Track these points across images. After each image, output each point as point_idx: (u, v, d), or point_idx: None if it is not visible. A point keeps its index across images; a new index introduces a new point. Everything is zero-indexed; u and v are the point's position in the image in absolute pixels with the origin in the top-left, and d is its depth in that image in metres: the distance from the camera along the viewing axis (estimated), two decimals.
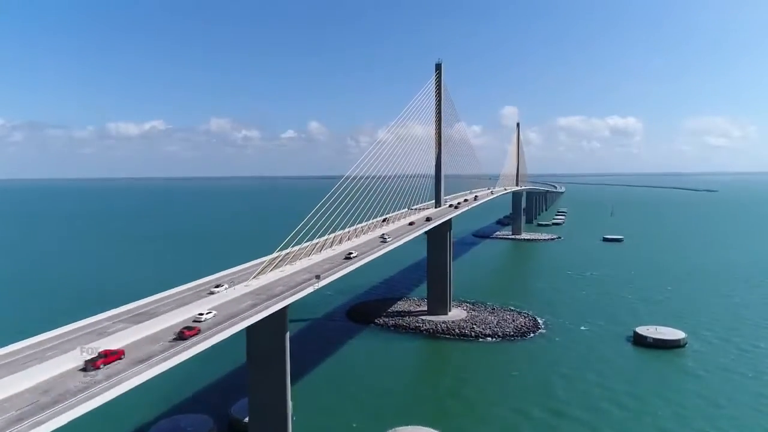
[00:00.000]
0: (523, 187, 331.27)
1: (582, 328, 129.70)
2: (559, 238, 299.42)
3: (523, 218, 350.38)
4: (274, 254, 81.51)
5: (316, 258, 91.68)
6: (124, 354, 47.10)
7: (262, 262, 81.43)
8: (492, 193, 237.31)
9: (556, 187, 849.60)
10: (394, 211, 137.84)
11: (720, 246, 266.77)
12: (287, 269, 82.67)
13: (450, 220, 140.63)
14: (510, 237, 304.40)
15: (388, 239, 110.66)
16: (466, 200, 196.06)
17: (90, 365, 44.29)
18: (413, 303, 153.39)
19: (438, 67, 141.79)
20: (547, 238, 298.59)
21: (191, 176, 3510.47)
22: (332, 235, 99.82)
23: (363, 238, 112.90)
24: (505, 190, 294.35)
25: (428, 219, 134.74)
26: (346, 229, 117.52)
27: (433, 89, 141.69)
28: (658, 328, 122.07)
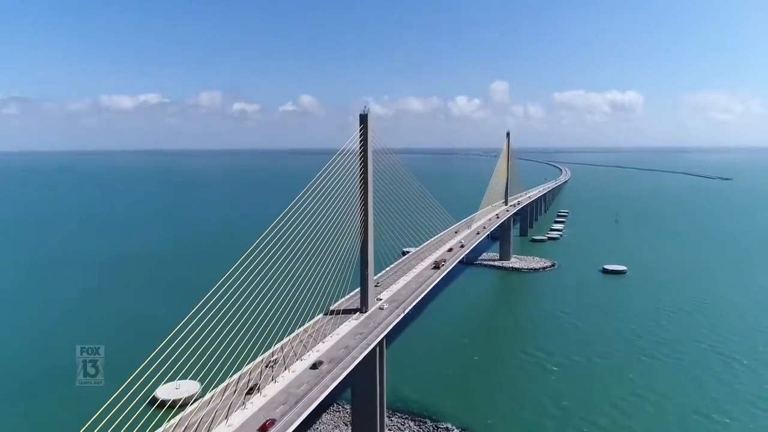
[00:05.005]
0: (513, 209, 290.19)
1: None
2: (553, 266, 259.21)
3: (516, 230, 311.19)
4: None
5: None
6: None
7: None
8: (462, 245, 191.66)
9: (560, 170, 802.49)
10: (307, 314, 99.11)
11: (747, 286, 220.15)
12: None
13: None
14: (497, 263, 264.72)
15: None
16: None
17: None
18: (341, 419, 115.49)
19: (363, 118, 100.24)
20: (538, 266, 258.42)
21: (194, 149, 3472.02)
22: None
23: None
24: (492, 219, 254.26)
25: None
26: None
27: (358, 145, 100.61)
28: None
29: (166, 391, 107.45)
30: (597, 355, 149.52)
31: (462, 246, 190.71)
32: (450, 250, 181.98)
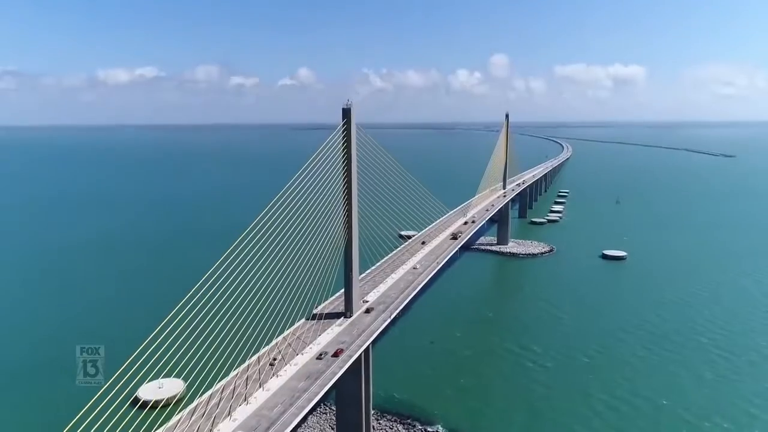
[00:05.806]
0: (510, 194, 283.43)
1: None
2: (552, 251, 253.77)
3: (514, 211, 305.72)
4: None
5: None
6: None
7: None
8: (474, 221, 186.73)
9: (562, 147, 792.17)
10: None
11: (746, 277, 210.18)
12: None
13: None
14: (494, 248, 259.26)
15: None
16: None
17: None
18: (327, 423, 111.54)
19: (346, 112, 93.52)
20: (537, 251, 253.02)
21: (193, 124, 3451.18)
22: None
23: None
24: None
25: None
26: None
27: (341, 141, 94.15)
28: None
29: (148, 391, 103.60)
30: (589, 355, 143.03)
31: (474, 221, 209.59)
32: (465, 223, 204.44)
